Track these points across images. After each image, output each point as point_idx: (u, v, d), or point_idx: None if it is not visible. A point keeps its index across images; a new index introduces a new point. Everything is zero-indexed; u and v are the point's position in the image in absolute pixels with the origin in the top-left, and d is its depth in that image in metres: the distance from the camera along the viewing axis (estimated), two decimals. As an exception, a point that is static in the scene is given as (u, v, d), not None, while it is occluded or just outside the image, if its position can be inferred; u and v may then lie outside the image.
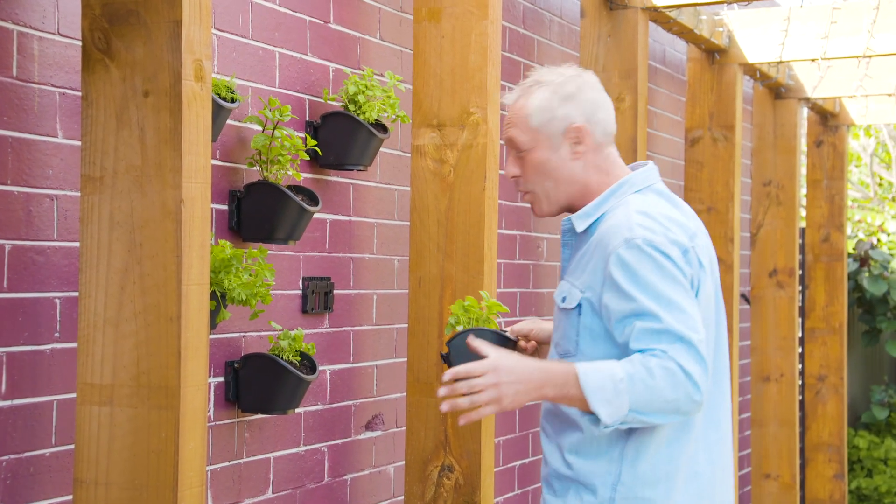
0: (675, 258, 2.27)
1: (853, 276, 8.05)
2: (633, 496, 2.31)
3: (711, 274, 2.42)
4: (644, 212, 2.33)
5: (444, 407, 2.25)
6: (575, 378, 2.19)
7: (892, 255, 8.45)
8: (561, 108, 2.39)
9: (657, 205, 2.38)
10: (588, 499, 2.33)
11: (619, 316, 2.26)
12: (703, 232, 2.46)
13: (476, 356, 2.27)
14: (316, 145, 3.07)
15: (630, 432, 2.31)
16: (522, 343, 2.59)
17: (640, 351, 2.21)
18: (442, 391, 2.27)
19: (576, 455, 2.34)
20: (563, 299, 2.39)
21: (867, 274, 8.00)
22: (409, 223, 3.28)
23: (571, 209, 2.46)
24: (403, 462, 3.37)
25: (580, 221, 2.41)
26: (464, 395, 2.23)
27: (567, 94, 2.40)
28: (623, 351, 2.26)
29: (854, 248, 8.38)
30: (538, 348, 2.60)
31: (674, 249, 2.28)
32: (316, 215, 3.12)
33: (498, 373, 2.20)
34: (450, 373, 2.22)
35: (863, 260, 8.08)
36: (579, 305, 2.35)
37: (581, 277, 2.37)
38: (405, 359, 3.41)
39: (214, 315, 2.58)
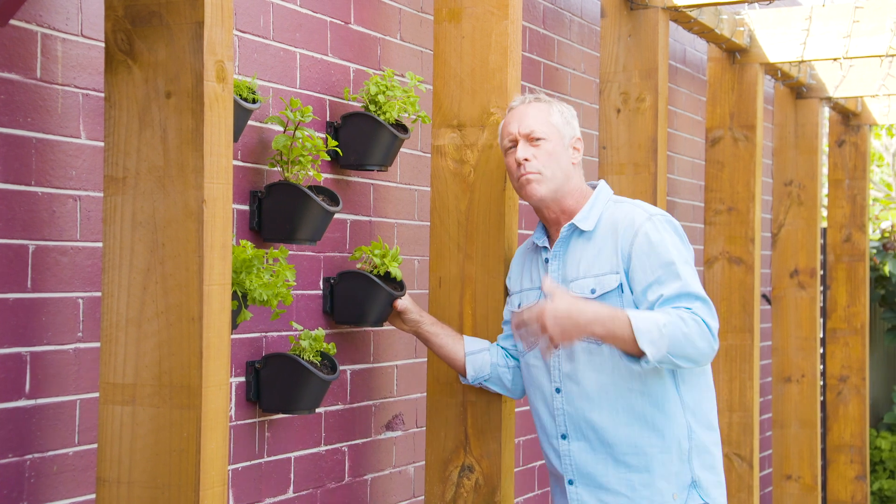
0: (683, 233, 2.76)
1: (876, 268, 7.96)
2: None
3: None
4: (642, 204, 2.80)
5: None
6: (626, 320, 2.53)
7: None
8: (572, 120, 2.90)
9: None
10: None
11: (647, 283, 2.66)
12: None
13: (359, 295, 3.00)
14: (337, 146, 3.07)
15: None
16: (397, 304, 3.00)
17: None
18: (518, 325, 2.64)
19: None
20: (593, 290, 2.72)
21: (893, 255, 7.92)
22: (429, 223, 3.28)
23: (552, 200, 2.80)
24: (424, 462, 3.37)
25: (585, 222, 2.79)
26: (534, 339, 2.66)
27: (574, 115, 2.92)
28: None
29: (880, 238, 8.32)
30: (405, 321, 3.01)
31: (679, 226, 2.76)
32: (336, 215, 3.13)
33: (551, 313, 2.51)
34: (523, 317, 2.60)
35: (886, 245, 8.02)
36: (620, 285, 2.69)
37: (602, 266, 2.74)
38: (425, 359, 3.41)
39: (236, 315, 2.59)
